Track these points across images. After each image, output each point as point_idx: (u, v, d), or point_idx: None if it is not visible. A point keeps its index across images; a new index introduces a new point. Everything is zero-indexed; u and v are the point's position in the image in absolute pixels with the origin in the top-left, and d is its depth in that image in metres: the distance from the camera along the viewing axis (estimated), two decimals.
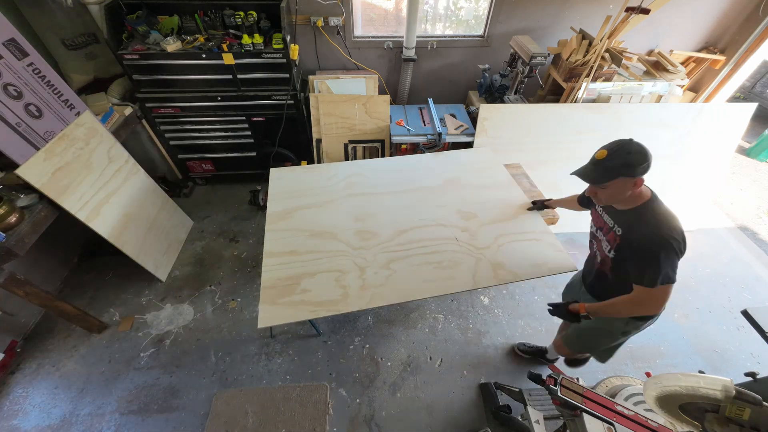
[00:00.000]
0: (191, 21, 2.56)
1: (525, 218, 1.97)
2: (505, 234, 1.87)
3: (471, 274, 1.67)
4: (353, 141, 2.98)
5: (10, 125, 1.80)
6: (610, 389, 1.67)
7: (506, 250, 1.79)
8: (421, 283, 1.64)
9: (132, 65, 2.51)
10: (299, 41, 3.03)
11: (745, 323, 1.65)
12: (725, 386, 1.00)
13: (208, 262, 2.80)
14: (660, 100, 2.78)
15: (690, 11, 3.11)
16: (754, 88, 4.86)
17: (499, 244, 1.81)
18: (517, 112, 2.60)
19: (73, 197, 2.02)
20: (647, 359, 2.31)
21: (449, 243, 1.82)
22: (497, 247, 1.80)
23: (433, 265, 1.71)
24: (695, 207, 3.01)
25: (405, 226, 1.91)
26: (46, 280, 2.51)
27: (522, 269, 1.70)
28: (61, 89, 2.03)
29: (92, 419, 1.98)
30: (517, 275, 1.68)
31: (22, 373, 2.16)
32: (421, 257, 1.75)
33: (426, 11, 3.12)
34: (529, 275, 1.68)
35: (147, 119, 2.82)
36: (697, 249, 2.99)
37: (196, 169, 3.26)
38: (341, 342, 2.33)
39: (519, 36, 2.87)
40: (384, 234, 1.86)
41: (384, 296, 1.59)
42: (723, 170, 2.83)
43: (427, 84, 3.45)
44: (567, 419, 1.35)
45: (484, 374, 2.21)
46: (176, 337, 2.34)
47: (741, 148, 4.15)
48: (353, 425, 1.99)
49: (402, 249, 1.78)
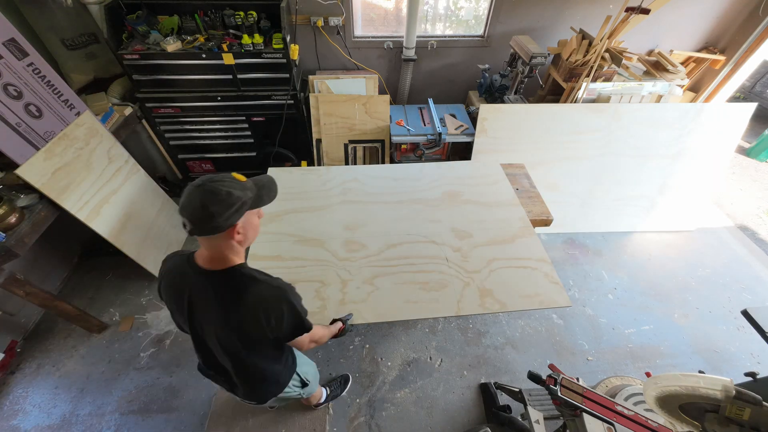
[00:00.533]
0: (191, 21, 2.56)
1: (523, 242, 1.85)
2: (498, 258, 1.77)
3: (456, 300, 1.59)
4: (353, 141, 2.98)
5: (10, 125, 1.80)
6: (610, 389, 1.67)
7: (497, 277, 1.69)
8: (402, 304, 1.58)
9: (132, 65, 2.51)
10: (299, 41, 3.03)
11: (745, 323, 1.65)
12: (725, 386, 1.00)
13: None
14: (660, 100, 2.78)
15: (690, 11, 3.11)
16: (754, 88, 4.86)
17: (490, 269, 1.72)
18: (517, 112, 2.60)
19: (73, 197, 2.02)
20: (647, 359, 2.31)
21: (439, 263, 1.73)
22: (488, 272, 1.70)
23: (418, 285, 1.64)
24: (695, 207, 3.01)
25: (395, 239, 1.83)
26: (46, 280, 2.51)
27: (510, 299, 1.61)
28: (61, 89, 2.02)
29: (92, 419, 1.98)
30: (504, 306, 1.59)
31: (22, 373, 2.16)
32: (407, 275, 1.68)
33: (426, 11, 3.12)
34: (516, 307, 1.59)
35: (147, 119, 2.82)
36: (697, 249, 3.00)
37: (196, 169, 3.26)
38: (341, 342, 2.33)
39: (519, 36, 2.87)
40: (373, 246, 1.80)
41: (362, 314, 1.53)
42: (723, 170, 2.83)
43: (427, 84, 3.45)
44: (567, 419, 1.35)
45: (484, 374, 2.21)
46: (176, 337, 2.34)
47: (741, 148, 4.15)
48: (353, 425, 1.99)
49: (389, 264, 1.72)
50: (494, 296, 1.61)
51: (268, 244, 1.79)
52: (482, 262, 1.75)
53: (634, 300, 2.62)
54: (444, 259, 1.76)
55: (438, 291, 1.63)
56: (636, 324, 2.49)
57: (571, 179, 2.81)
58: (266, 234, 1.83)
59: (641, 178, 2.85)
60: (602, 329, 2.45)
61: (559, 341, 2.38)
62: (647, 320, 2.51)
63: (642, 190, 2.91)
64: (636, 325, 2.48)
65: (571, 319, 2.49)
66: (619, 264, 2.85)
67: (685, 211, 3.03)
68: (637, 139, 2.69)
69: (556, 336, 2.40)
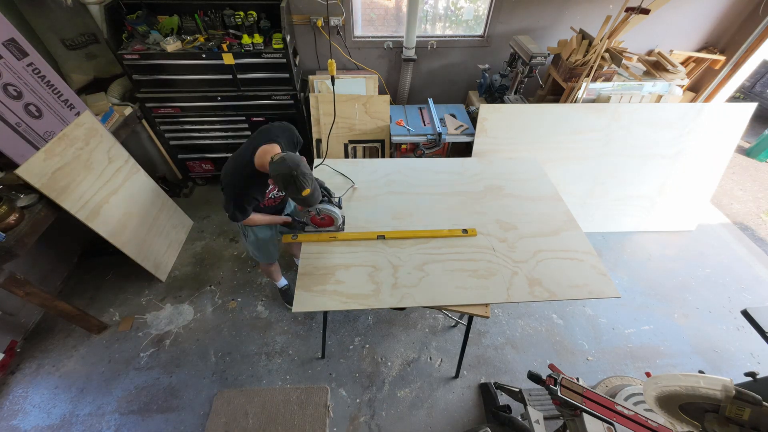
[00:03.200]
0: (191, 21, 2.56)
1: (567, 235, 1.88)
2: (544, 250, 1.80)
3: (506, 287, 1.62)
4: (353, 141, 2.98)
5: (10, 125, 1.80)
6: (610, 389, 1.67)
7: (545, 267, 1.71)
8: (453, 289, 1.61)
9: (132, 65, 2.51)
10: (299, 41, 3.03)
11: (745, 323, 1.65)
12: (725, 386, 1.00)
13: (208, 262, 2.80)
14: (660, 100, 2.77)
15: (690, 11, 3.11)
16: (754, 88, 4.86)
17: (537, 260, 1.74)
18: (517, 113, 2.60)
19: (73, 197, 2.02)
20: (647, 359, 2.31)
21: (486, 252, 1.77)
22: (536, 262, 1.73)
23: (467, 273, 1.67)
24: (695, 207, 3.01)
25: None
26: (46, 280, 2.51)
27: (560, 289, 1.62)
28: (61, 89, 2.03)
29: (92, 419, 1.98)
30: (553, 294, 1.60)
31: (22, 373, 2.16)
32: (456, 263, 1.72)
33: (426, 11, 3.12)
34: (566, 296, 1.61)
35: (147, 119, 2.82)
36: (697, 249, 3.00)
37: (196, 169, 3.26)
38: (341, 342, 2.33)
39: (519, 36, 2.86)
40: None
41: (415, 298, 1.57)
42: (723, 170, 2.83)
43: (427, 84, 3.45)
44: (567, 419, 1.35)
45: (484, 374, 2.21)
46: (176, 337, 2.34)
47: (741, 148, 4.15)
48: (353, 425, 1.99)
49: (437, 252, 1.76)
50: (543, 285, 1.64)
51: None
52: (528, 252, 1.78)
53: (634, 300, 2.62)
54: (491, 248, 1.79)
55: (487, 279, 1.66)
56: (636, 324, 2.49)
57: (570, 179, 2.81)
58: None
59: (641, 178, 2.85)
60: (602, 329, 2.45)
61: (559, 341, 2.38)
62: (647, 320, 2.51)
63: (642, 190, 2.91)
64: (636, 325, 2.48)
65: (571, 319, 2.49)
66: (619, 264, 2.85)
67: (685, 211, 3.03)
68: (637, 139, 2.69)
69: (556, 336, 2.40)
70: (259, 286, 2.64)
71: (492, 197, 2.10)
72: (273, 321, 2.43)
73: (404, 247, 1.78)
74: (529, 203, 2.07)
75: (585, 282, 1.66)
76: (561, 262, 1.75)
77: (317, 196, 1.50)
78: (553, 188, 2.18)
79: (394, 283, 1.63)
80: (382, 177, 2.20)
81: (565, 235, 1.89)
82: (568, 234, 1.89)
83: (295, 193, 1.40)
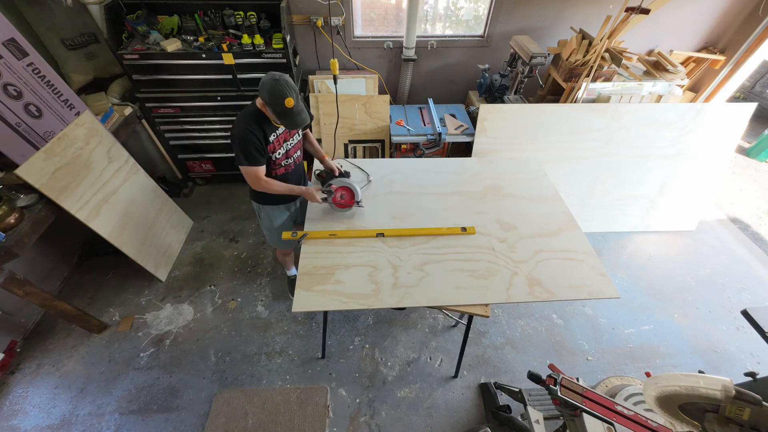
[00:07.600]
0: (191, 21, 2.56)
1: (567, 236, 1.88)
2: (544, 250, 1.80)
3: (505, 287, 1.63)
4: (353, 141, 2.99)
5: (10, 125, 1.80)
6: (610, 389, 1.67)
7: (544, 267, 1.72)
8: (453, 290, 1.61)
9: (132, 65, 2.51)
10: (299, 41, 3.03)
11: (745, 323, 1.65)
12: (725, 386, 1.00)
13: (207, 262, 2.80)
14: (660, 100, 2.77)
15: (690, 11, 3.11)
16: (754, 88, 4.86)
17: (537, 260, 1.75)
18: (517, 112, 2.60)
19: (73, 197, 2.02)
20: (647, 359, 2.31)
21: (486, 252, 1.77)
22: (535, 262, 1.73)
23: (467, 273, 1.67)
24: (695, 207, 3.01)
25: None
26: (46, 280, 2.51)
27: (559, 289, 1.63)
28: (60, 89, 2.03)
29: (92, 419, 1.98)
30: (553, 295, 1.61)
31: (21, 373, 2.16)
32: (456, 263, 1.72)
33: (426, 11, 3.12)
34: (566, 297, 1.62)
35: (147, 119, 2.82)
36: (696, 249, 3.00)
37: (196, 169, 3.26)
38: (341, 342, 2.33)
39: (519, 36, 2.86)
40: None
41: (415, 297, 1.57)
42: (723, 170, 2.83)
43: (427, 84, 3.45)
44: (567, 419, 1.35)
45: (484, 374, 2.21)
46: (176, 337, 2.34)
47: (741, 148, 4.15)
48: (353, 425, 1.99)
49: (437, 252, 1.76)
50: (543, 285, 1.65)
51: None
52: (528, 252, 1.79)
53: (634, 300, 2.62)
54: (491, 248, 1.79)
55: (487, 279, 1.66)
56: (636, 324, 2.49)
57: (570, 179, 2.81)
58: (317, 222, 1.89)
59: (641, 178, 2.85)
60: (602, 329, 2.45)
61: (559, 341, 2.38)
62: (647, 320, 2.51)
63: (642, 190, 2.91)
64: (636, 325, 2.48)
65: (571, 319, 2.49)
66: (618, 264, 2.85)
67: (685, 211, 3.03)
68: (637, 139, 2.69)
69: (556, 336, 2.40)
70: (259, 286, 2.64)
71: (492, 197, 2.10)
72: (273, 321, 2.43)
73: (404, 247, 1.78)
74: (529, 203, 2.07)
75: (585, 282, 1.67)
76: (561, 262, 1.75)
77: (304, 117, 1.53)
78: (553, 188, 2.18)
79: (394, 283, 1.63)
80: (382, 177, 2.19)
81: (565, 235, 1.89)
82: (568, 234, 1.89)
83: (279, 106, 1.44)
